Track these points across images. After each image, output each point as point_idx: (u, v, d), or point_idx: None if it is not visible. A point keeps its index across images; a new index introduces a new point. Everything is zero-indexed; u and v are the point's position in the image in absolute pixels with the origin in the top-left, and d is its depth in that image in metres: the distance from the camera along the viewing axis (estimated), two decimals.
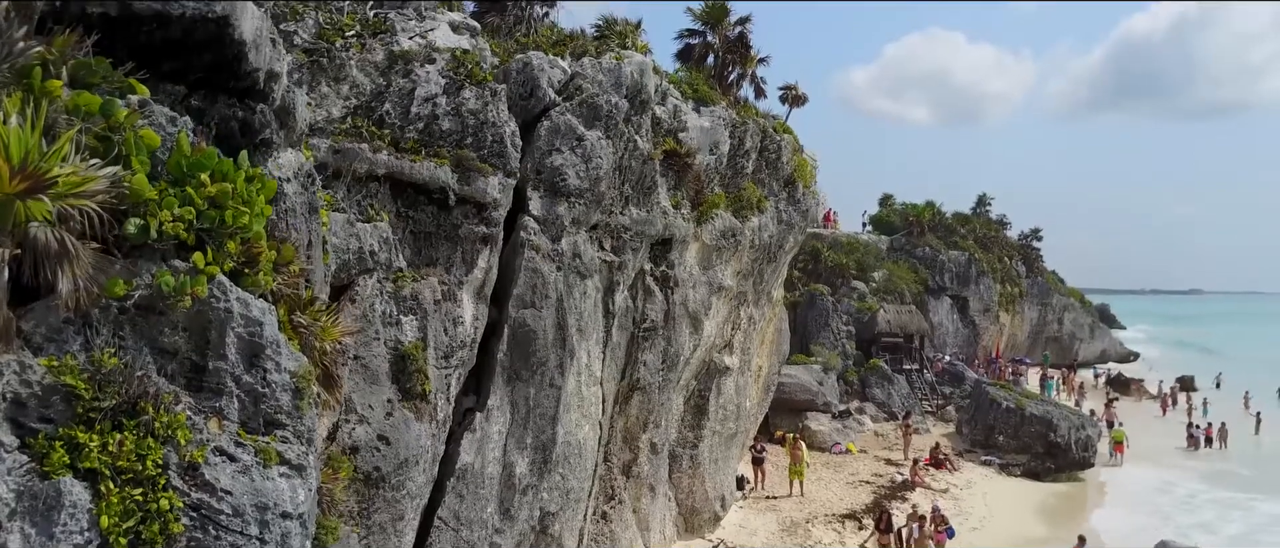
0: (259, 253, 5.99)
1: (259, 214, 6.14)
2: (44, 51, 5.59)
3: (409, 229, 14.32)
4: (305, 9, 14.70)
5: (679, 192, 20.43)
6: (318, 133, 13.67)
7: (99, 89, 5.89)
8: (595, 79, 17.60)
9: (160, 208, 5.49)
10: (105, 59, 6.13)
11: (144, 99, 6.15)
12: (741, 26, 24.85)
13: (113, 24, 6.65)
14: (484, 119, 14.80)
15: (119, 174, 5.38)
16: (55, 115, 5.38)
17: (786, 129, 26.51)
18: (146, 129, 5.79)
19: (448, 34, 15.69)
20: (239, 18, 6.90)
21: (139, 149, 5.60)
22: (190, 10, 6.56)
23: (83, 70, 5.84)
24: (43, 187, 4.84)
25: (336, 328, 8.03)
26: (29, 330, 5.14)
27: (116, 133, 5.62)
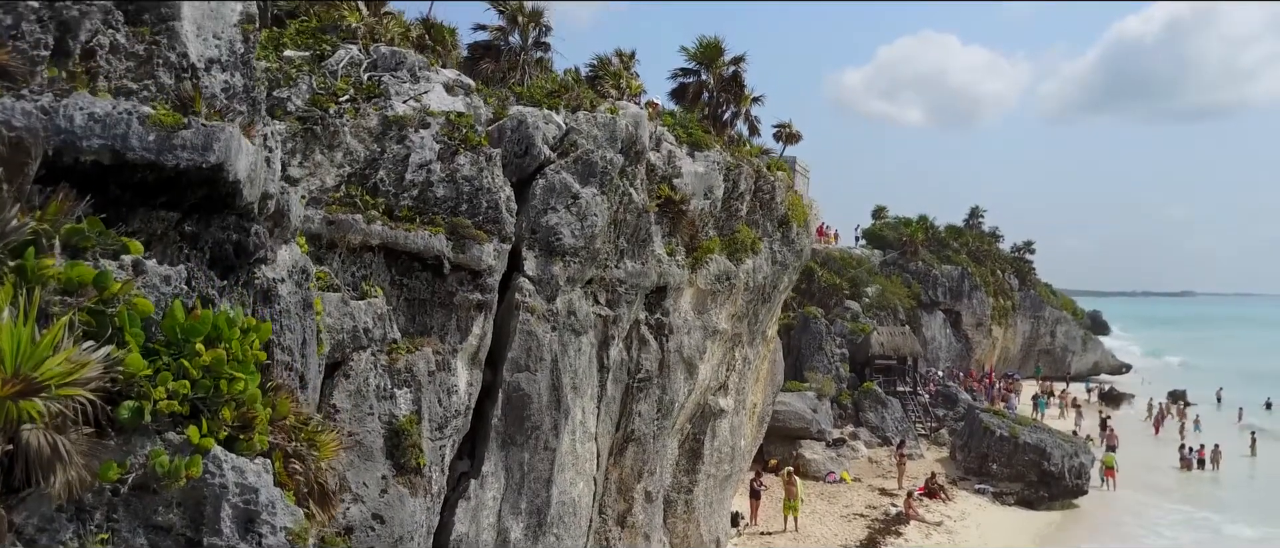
0: (254, 417, 5.94)
1: (254, 372, 6.08)
2: (37, 224, 5.54)
3: (403, 297, 14.26)
4: (299, 73, 14.64)
5: (673, 238, 20.40)
6: (312, 203, 13.61)
7: (91, 255, 5.84)
8: (590, 134, 17.56)
9: (154, 385, 5.43)
10: (98, 219, 6.08)
11: (137, 259, 6.10)
12: (735, 66, 24.86)
13: (106, 169, 6.63)
14: (479, 185, 14.75)
15: (112, 356, 5.32)
16: (48, 298, 5.32)
17: (780, 166, 26.52)
18: (139, 298, 5.74)
19: (442, 96, 15.63)
20: (234, 162, 6.86)
21: (133, 321, 5.54)
22: (184, 161, 6.52)
23: (76, 237, 5.79)
24: (36, 389, 4.78)
25: (332, 445, 7.97)
26: (20, 522, 5.08)
27: (110, 306, 5.56)
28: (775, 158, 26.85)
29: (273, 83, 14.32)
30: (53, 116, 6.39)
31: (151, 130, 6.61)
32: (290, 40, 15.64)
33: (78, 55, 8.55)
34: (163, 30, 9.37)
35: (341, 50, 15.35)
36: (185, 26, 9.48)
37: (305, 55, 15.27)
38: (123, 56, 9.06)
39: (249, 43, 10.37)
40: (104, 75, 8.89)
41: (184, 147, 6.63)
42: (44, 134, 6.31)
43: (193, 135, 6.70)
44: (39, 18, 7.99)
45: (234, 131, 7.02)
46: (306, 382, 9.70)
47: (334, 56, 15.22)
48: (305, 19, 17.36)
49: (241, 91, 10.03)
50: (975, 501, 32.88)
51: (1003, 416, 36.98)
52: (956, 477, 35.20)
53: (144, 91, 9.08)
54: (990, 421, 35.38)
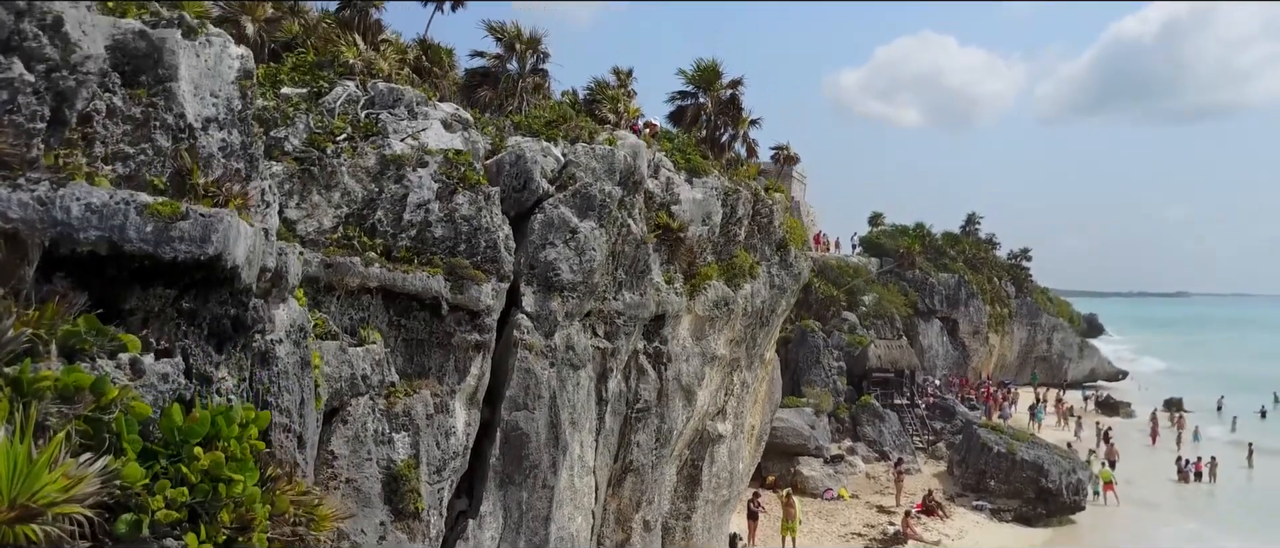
0: (253, 517, 5.88)
1: (252, 468, 6.03)
2: (33, 331, 5.48)
3: (401, 337, 14.20)
4: (296, 111, 14.58)
5: (671, 266, 20.36)
6: (309, 245, 13.56)
7: (87, 357, 5.78)
8: (588, 166, 17.52)
9: (152, 494, 5.38)
10: (95, 316, 6.03)
11: (135, 358, 6.04)
12: (733, 89, 24.82)
13: (102, 259, 6.57)
14: (477, 224, 14.69)
15: (110, 467, 5.26)
16: (45, 410, 5.26)
17: (779, 188, 26.49)
18: (137, 401, 5.68)
19: (440, 133, 15.56)
20: (232, 250, 6.81)
21: (130, 427, 5.49)
22: (182, 253, 6.46)
23: (72, 339, 5.73)
24: (33, 515, 4.72)
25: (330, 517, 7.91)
26: None
27: (107, 412, 5.50)
28: (772, 179, 26.81)
29: (270, 122, 14.27)
30: (49, 207, 6.31)
31: (149, 221, 6.54)
32: (287, 76, 15.58)
33: (74, 122, 8.52)
34: (160, 92, 9.33)
35: (339, 87, 15.29)
36: (182, 87, 9.44)
37: (302, 92, 15.21)
38: (119, 120, 9.02)
39: (247, 99, 10.33)
40: (101, 141, 8.85)
41: (181, 238, 6.56)
42: (40, 226, 6.26)
43: (191, 226, 6.63)
44: (35, 90, 7.94)
45: (231, 221, 6.96)
46: (304, 442, 9.66)
47: (331, 94, 15.16)
48: (303, 50, 17.32)
49: (239, 149, 10.00)
50: (973, 518, 32.88)
51: (1000, 431, 36.96)
52: (954, 493, 35.18)
53: (141, 156, 9.04)
54: (988, 437, 35.38)
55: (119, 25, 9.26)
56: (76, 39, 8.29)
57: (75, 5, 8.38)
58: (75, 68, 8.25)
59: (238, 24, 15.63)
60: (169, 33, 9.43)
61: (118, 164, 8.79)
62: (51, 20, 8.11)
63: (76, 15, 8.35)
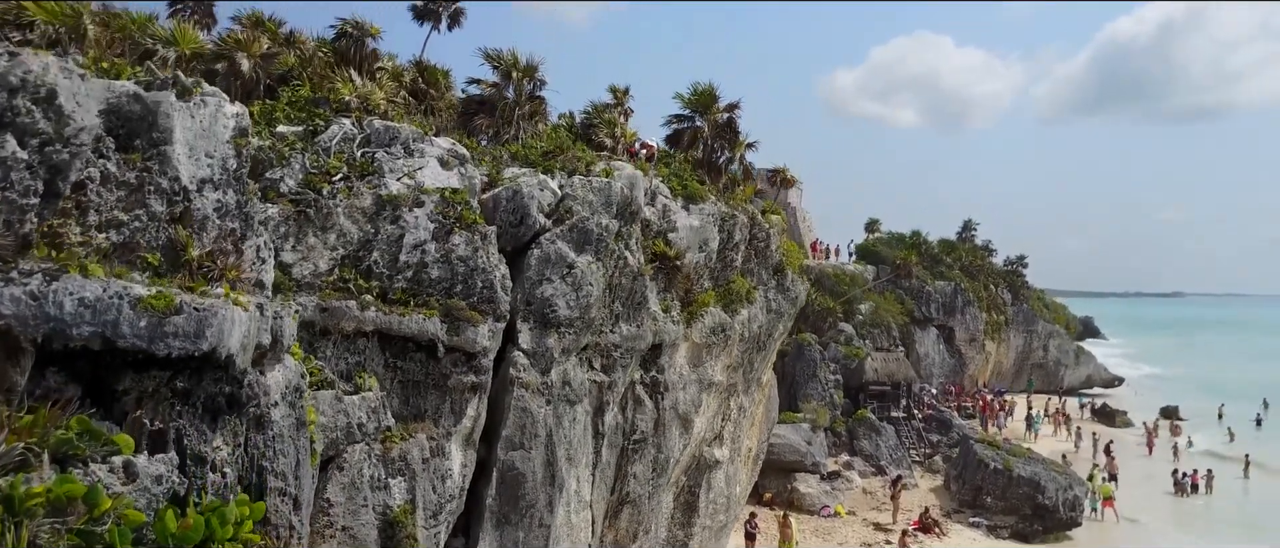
0: None
1: None
2: (26, 445, 5.44)
3: (397, 379, 14.16)
4: (292, 151, 14.52)
5: (668, 294, 20.31)
6: (304, 289, 13.51)
7: (80, 462, 5.74)
8: (585, 199, 17.48)
9: None
10: (87, 417, 5.99)
11: (128, 460, 6.00)
12: (730, 113, 24.78)
13: (96, 354, 6.53)
14: (474, 265, 14.64)
15: None
16: (37, 527, 5.22)
17: (775, 210, 26.46)
18: (130, 510, 5.64)
19: (436, 171, 15.51)
20: (227, 341, 6.77)
21: (123, 538, 5.46)
22: (176, 349, 6.42)
23: (65, 446, 5.69)
24: None
25: None
26: None
27: (100, 523, 5.47)
28: (769, 200, 26.78)
29: (266, 163, 14.21)
30: (42, 303, 6.27)
31: (143, 315, 6.49)
32: (283, 114, 15.52)
33: (68, 192, 8.47)
34: (154, 156, 9.28)
35: (335, 126, 15.23)
36: (177, 150, 9.40)
37: (298, 130, 15.16)
38: (114, 186, 8.98)
39: (242, 157, 10.29)
40: (95, 209, 8.81)
41: (175, 334, 6.52)
42: (33, 322, 6.22)
43: (185, 322, 6.59)
44: (28, 165, 7.90)
45: (225, 313, 6.91)
46: (300, 503, 9.61)
47: (327, 132, 15.10)
48: (298, 83, 17.24)
49: (234, 208, 9.96)
50: (969, 535, 32.89)
51: (996, 447, 36.98)
52: (951, 509, 35.20)
53: (135, 222, 9.00)
54: (984, 453, 35.40)
55: (113, 88, 9.21)
56: (70, 111, 8.25)
57: (69, 76, 8.35)
58: (69, 140, 8.22)
59: (233, 61, 15.56)
60: (163, 96, 9.38)
61: (111, 232, 8.76)
62: (45, 93, 8.07)
63: (70, 86, 8.31)
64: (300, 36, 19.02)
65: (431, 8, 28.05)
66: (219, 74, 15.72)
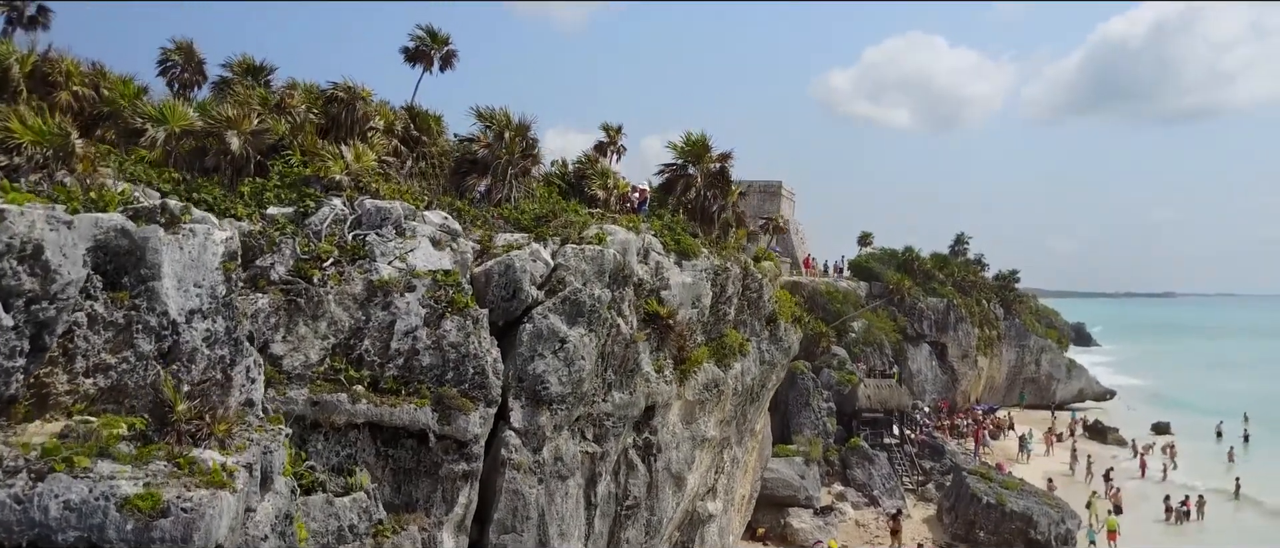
0: None
1: None
2: None
3: (389, 467, 14.12)
4: (283, 235, 14.43)
5: (661, 353, 20.25)
6: (296, 380, 13.45)
7: None
8: (578, 269, 17.42)
9: None
10: None
11: None
12: (722, 163, 24.74)
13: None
14: (465, 351, 14.58)
15: None
16: None
17: (769, 256, 26.44)
18: None
19: (428, 252, 15.43)
20: (215, 533, 6.70)
21: None
22: None
23: None
24: None
25: None
26: None
27: None
28: (763, 247, 26.75)
29: (257, 250, 14.12)
30: (27, 507, 6.20)
31: (129, 518, 6.43)
32: (273, 193, 15.42)
33: (54, 344, 8.39)
34: (142, 292, 9.22)
35: (326, 207, 15.15)
36: (165, 284, 9.33)
37: (289, 211, 15.08)
38: (101, 327, 8.91)
39: (231, 281, 10.23)
40: (82, 354, 8.74)
41: (164, 539, 6.46)
42: (18, 528, 6.15)
43: (172, 525, 6.53)
44: (15, 327, 7.82)
45: (213, 509, 6.84)
46: None
47: (318, 214, 15.02)
48: (288, 152, 17.11)
49: (223, 335, 9.90)
50: None
51: (990, 479, 36.96)
52: (943, 543, 35.19)
53: (123, 364, 8.94)
54: (977, 487, 35.38)
55: (101, 223, 9.14)
56: (57, 265, 8.18)
57: (55, 228, 8.27)
58: (55, 296, 8.14)
59: (222, 138, 15.46)
60: (151, 231, 9.31)
61: (98, 377, 8.70)
62: (31, 249, 8.00)
63: (57, 239, 8.23)
64: (291, 100, 18.88)
65: (423, 51, 28.03)
66: (209, 152, 15.60)
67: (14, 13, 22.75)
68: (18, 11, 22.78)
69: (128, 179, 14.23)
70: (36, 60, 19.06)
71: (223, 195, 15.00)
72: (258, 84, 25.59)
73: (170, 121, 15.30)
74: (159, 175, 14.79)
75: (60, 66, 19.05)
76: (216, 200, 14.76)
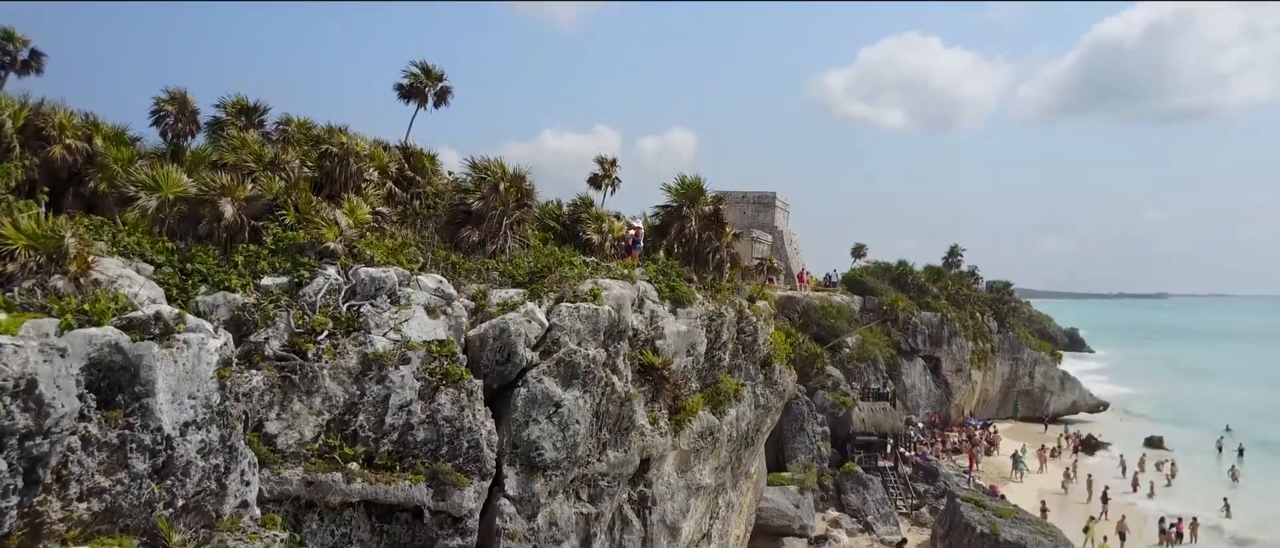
0: None
1: None
2: None
3: (384, 543, 14.09)
4: (277, 308, 14.39)
5: (656, 403, 20.25)
6: (290, 459, 13.41)
7: None
8: (573, 329, 17.43)
9: None
10: None
11: None
12: (716, 205, 24.76)
13: None
14: (460, 425, 14.57)
15: None
16: None
17: (764, 295, 26.46)
18: None
19: (423, 321, 15.40)
20: None
21: None
22: None
23: None
24: None
25: None
26: None
27: None
28: (758, 286, 26.76)
29: (251, 324, 14.09)
30: None
31: None
32: (267, 262, 15.36)
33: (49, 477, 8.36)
34: (136, 410, 9.19)
35: (320, 277, 15.11)
36: (159, 400, 9.31)
37: (283, 282, 15.03)
38: (96, 449, 8.88)
39: (226, 388, 10.21)
40: (76, 479, 8.72)
41: None
42: None
43: None
44: (9, 465, 7.79)
45: None
46: None
47: (312, 284, 14.98)
48: (283, 211, 17.05)
49: (218, 444, 9.88)
50: None
51: (984, 506, 37.04)
52: None
53: (117, 486, 8.92)
54: (971, 516, 35.45)
55: (94, 340, 9.12)
56: (51, 399, 8.14)
57: (49, 358, 8.23)
58: (49, 431, 8.11)
59: (215, 205, 15.42)
60: (145, 348, 9.29)
61: (92, 500, 8.68)
62: (25, 384, 7.96)
63: (50, 371, 8.20)
64: (284, 156, 18.83)
65: (417, 88, 28.03)
66: (203, 219, 15.57)
67: (6, 57, 22.68)
68: (10, 56, 22.71)
69: (121, 252, 14.20)
70: (30, 114, 19.03)
71: (217, 265, 14.96)
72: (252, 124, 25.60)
73: (163, 189, 15.26)
74: (153, 246, 14.74)
75: (53, 120, 19.00)
76: (210, 271, 14.73)
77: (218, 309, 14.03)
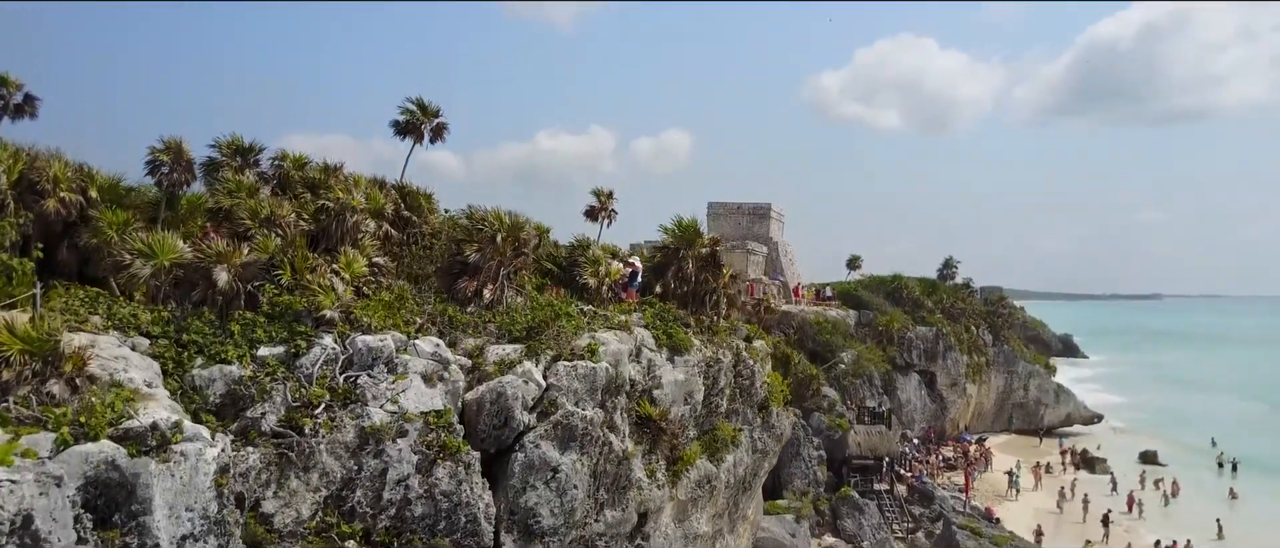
0: None
1: None
2: None
3: None
4: (273, 383, 14.32)
5: (654, 455, 20.22)
6: (288, 537, 13.34)
7: None
8: (570, 389, 17.39)
9: None
10: None
11: None
12: (713, 247, 24.72)
13: None
14: (457, 500, 14.52)
15: None
16: None
17: (760, 334, 26.43)
18: None
19: (420, 390, 15.34)
20: None
21: None
22: None
23: None
24: None
25: None
26: None
27: None
28: (754, 326, 26.74)
29: (247, 400, 14.00)
30: None
31: None
32: (263, 331, 15.26)
33: None
34: (133, 528, 9.12)
35: (317, 347, 15.03)
36: (156, 517, 9.24)
37: (280, 352, 14.95)
38: None
39: (223, 496, 10.14)
40: None
41: None
42: None
43: None
44: None
45: None
46: None
47: (309, 355, 14.90)
48: (279, 272, 16.94)
49: None
50: None
51: (980, 533, 37.16)
52: None
53: None
54: (967, 544, 35.53)
55: (90, 458, 9.05)
56: (47, 533, 8.08)
57: (45, 490, 8.17)
58: None
59: (209, 272, 15.34)
60: (141, 466, 9.23)
61: None
62: (21, 521, 7.90)
63: (46, 505, 8.14)
64: (282, 212, 18.74)
65: (413, 124, 27.95)
66: (197, 285, 15.48)
67: (0, 102, 22.52)
68: (4, 101, 22.55)
69: (117, 326, 14.12)
70: (24, 167, 18.91)
71: (213, 334, 14.86)
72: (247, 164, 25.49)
73: (159, 256, 15.18)
74: (148, 315, 14.65)
75: (47, 173, 18.89)
76: (206, 342, 14.63)
77: (214, 383, 13.96)
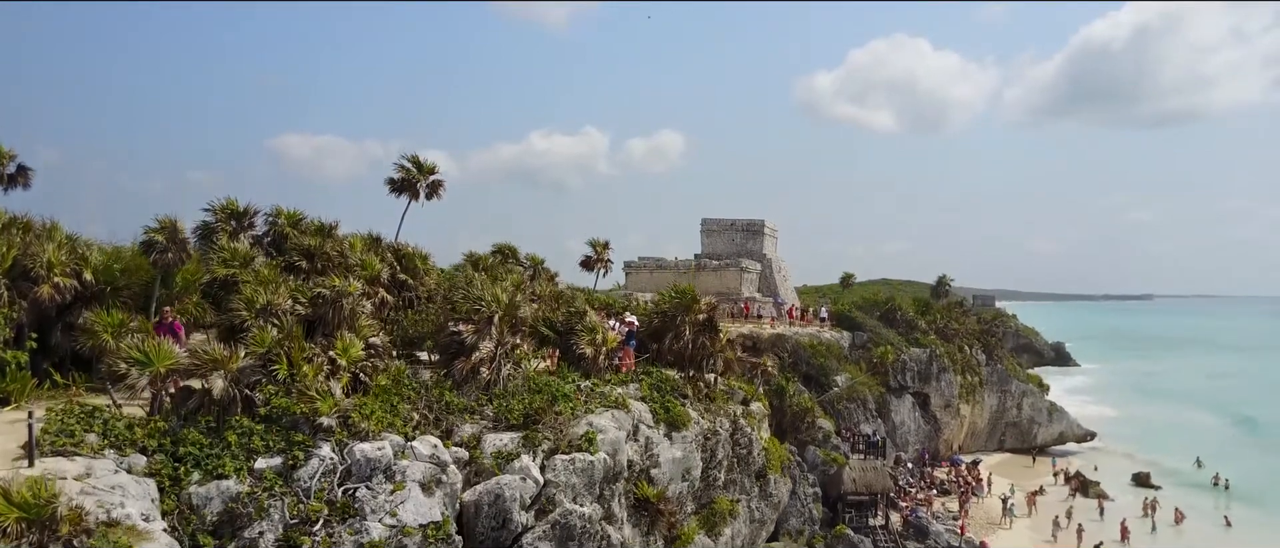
0: None
1: None
2: None
3: None
4: (270, 499, 14.22)
5: (651, 536, 20.20)
6: None
7: None
8: (568, 484, 17.35)
9: None
10: None
11: None
12: (710, 313, 24.68)
13: None
14: None
15: None
16: None
17: (758, 397, 26.40)
18: None
19: (418, 500, 15.26)
20: None
21: None
22: None
23: None
24: None
25: None
26: None
27: None
28: (753, 388, 26.72)
29: (245, 518, 13.90)
30: None
31: None
32: (260, 440, 15.13)
33: None
34: None
35: (315, 458, 14.93)
36: None
37: (277, 463, 14.84)
38: None
39: None
40: None
41: None
42: None
43: None
44: None
45: None
46: None
47: (307, 468, 14.80)
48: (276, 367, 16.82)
49: None
50: None
51: None
52: None
53: None
54: None
55: None
56: None
57: None
58: None
59: (205, 382, 15.24)
60: None
61: None
62: None
63: None
64: (277, 299, 18.64)
65: (410, 181, 27.88)
66: (194, 392, 15.37)
67: None
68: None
69: (113, 444, 14.02)
70: (17, 254, 18.82)
71: (209, 445, 14.72)
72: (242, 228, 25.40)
73: (155, 363, 15.07)
74: (143, 432, 14.54)
75: (41, 258, 18.81)
76: (202, 456, 14.50)
77: (211, 501, 13.86)
